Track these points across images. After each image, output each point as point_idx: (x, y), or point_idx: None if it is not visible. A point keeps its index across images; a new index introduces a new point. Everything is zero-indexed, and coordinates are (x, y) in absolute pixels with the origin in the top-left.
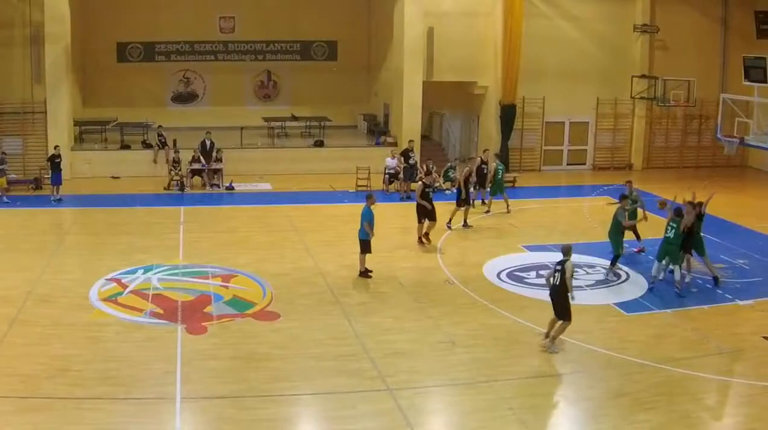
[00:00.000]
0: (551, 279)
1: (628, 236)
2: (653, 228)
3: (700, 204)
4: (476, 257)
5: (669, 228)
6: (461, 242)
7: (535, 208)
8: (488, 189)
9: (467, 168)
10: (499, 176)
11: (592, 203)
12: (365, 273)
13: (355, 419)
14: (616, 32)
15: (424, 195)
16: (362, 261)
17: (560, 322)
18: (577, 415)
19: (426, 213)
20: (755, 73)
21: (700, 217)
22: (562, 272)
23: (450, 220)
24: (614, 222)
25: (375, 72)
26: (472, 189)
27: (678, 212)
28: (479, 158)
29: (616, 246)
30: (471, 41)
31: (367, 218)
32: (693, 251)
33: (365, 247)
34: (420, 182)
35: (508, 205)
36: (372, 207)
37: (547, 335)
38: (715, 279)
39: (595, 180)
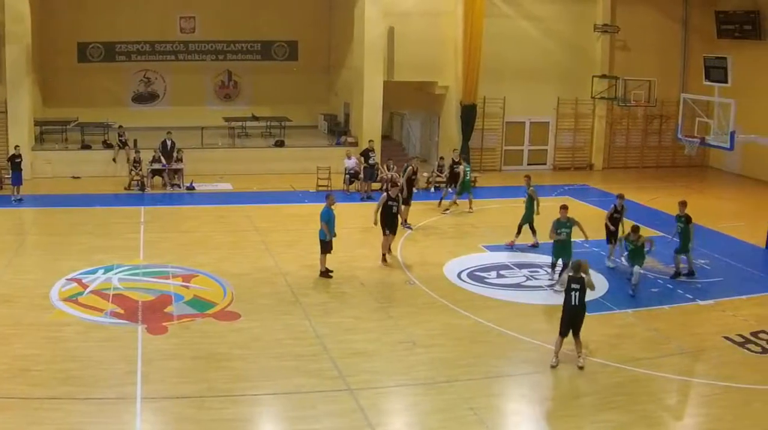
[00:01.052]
0: (571, 300)
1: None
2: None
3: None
4: (437, 257)
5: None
6: (422, 242)
7: (495, 208)
8: (451, 189)
9: (410, 167)
10: (468, 178)
11: (552, 203)
12: (326, 273)
13: (315, 419)
14: (577, 32)
15: (386, 208)
16: (323, 261)
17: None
18: (537, 415)
19: (390, 225)
20: (716, 73)
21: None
22: (581, 291)
23: (404, 219)
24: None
25: (335, 72)
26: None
27: (635, 230)
28: (451, 158)
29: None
30: (431, 41)
31: (326, 219)
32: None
33: (325, 247)
34: (384, 194)
35: (471, 205)
36: (332, 207)
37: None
38: (691, 273)
39: (556, 180)
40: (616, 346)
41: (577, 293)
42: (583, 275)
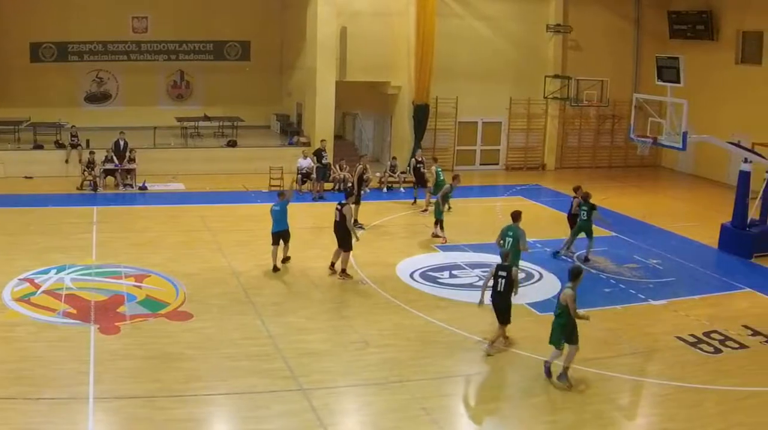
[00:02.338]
0: (497, 286)
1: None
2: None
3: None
4: (389, 257)
5: (582, 212)
6: (375, 241)
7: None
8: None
9: (360, 166)
10: (441, 179)
11: (504, 203)
12: (284, 260)
13: (268, 419)
14: (530, 32)
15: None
16: (274, 254)
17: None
18: (489, 415)
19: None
20: (668, 73)
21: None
22: (507, 278)
23: (355, 219)
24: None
25: (288, 72)
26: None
27: (585, 198)
28: (413, 159)
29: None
30: (384, 41)
31: (279, 214)
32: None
33: (277, 239)
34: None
35: (427, 206)
36: (284, 201)
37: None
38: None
39: (508, 180)
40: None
41: (503, 280)
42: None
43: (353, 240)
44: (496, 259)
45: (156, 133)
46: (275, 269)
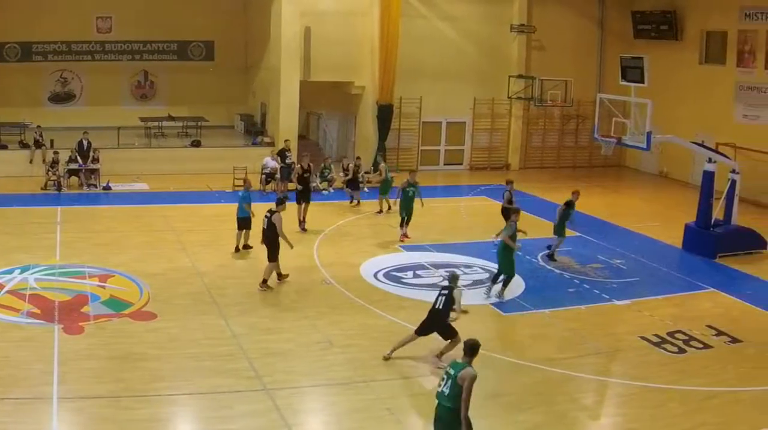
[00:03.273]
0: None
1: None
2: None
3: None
4: (353, 258)
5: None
6: (339, 242)
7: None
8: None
9: (298, 165)
10: (389, 178)
11: (468, 203)
12: (246, 247)
13: (232, 419)
14: (494, 32)
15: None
16: (238, 237)
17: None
18: None
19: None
20: (632, 73)
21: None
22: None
23: (302, 218)
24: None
25: (252, 72)
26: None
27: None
28: (352, 163)
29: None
30: (348, 41)
31: (246, 200)
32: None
33: (243, 224)
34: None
35: (381, 206)
36: (249, 190)
37: None
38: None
39: (472, 180)
40: (532, 346)
41: (442, 299)
42: (454, 287)
43: (288, 247)
44: (460, 259)
45: (120, 133)
46: (236, 249)
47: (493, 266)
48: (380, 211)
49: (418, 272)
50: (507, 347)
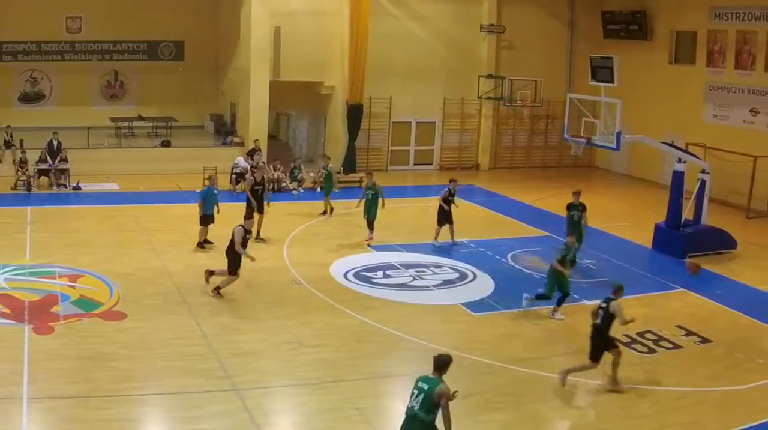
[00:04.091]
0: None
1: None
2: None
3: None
4: (323, 257)
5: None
6: (309, 242)
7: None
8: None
9: (251, 177)
10: (334, 179)
11: (438, 204)
12: (204, 243)
13: (202, 419)
14: (463, 32)
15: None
16: (201, 233)
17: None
18: None
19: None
20: (602, 73)
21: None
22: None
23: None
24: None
25: (222, 72)
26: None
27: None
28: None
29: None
30: (318, 41)
31: (203, 196)
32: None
33: (204, 220)
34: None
35: (326, 208)
36: (213, 186)
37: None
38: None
39: (442, 180)
40: (503, 346)
41: (602, 311)
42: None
43: (249, 261)
44: (429, 259)
45: (90, 133)
46: (199, 244)
47: (463, 266)
48: (324, 213)
49: (387, 272)
50: (477, 347)
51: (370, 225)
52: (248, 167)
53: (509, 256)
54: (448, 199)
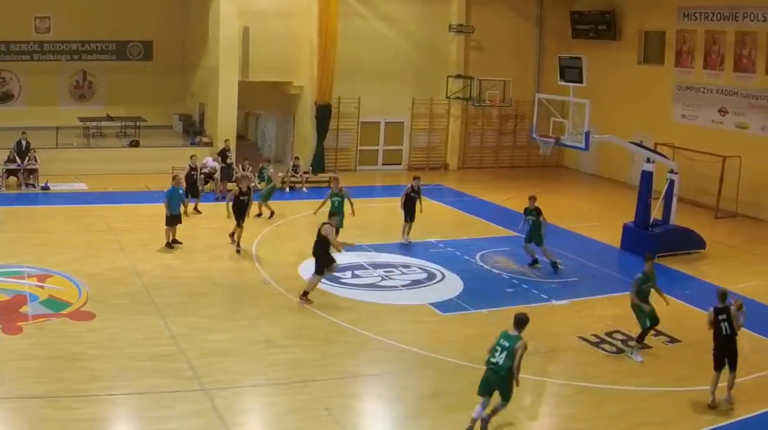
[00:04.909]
0: (722, 331)
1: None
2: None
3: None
4: (292, 258)
5: (529, 219)
6: (277, 241)
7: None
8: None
9: (236, 188)
10: (273, 184)
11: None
12: (174, 242)
13: (171, 419)
14: (432, 32)
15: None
16: (167, 232)
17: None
18: (393, 415)
19: (240, 215)
20: (570, 73)
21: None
22: (729, 321)
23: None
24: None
25: (191, 72)
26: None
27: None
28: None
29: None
30: (286, 41)
31: (169, 196)
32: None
33: (171, 221)
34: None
35: (260, 210)
36: (178, 186)
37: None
38: (554, 265)
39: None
40: (472, 346)
41: (726, 324)
42: (729, 305)
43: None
44: (398, 259)
45: (58, 133)
46: (167, 245)
47: (431, 266)
48: (260, 214)
49: (356, 272)
50: (446, 347)
51: (336, 232)
52: (217, 167)
53: (478, 256)
54: (411, 196)
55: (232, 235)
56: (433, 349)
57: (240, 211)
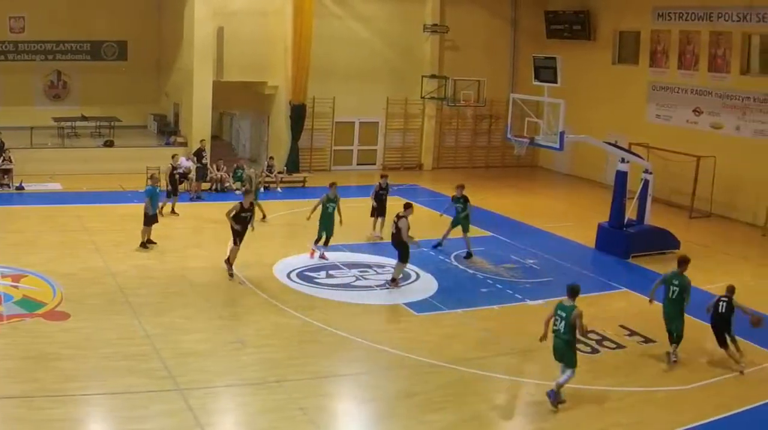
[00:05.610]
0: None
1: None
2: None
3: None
4: (267, 258)
5: (458, 207)
6: (251, 242)
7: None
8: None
9: (238, 203)
10: (257, 187)
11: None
12: (148, 243)
13: (146, 419)
14: (407, 32)
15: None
16: (144, 232)
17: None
18: (367, 415)
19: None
20: (545, 73)
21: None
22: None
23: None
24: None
25: (165, 72)
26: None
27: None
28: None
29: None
30: (261, 41)
31: (149, 194)
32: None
33: (148, 220)
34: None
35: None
36: (155, 185)
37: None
38: (468, 254)
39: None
40: (446, 346)
41: (723, 304)
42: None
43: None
44: (372, 259)
45: (33, 133)
46: (142, 244)
47: (408, 266)
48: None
49: (330, 272)
50: (420, 347)
51: (327, 242)
52: (192, 167)
53: (452, 256)
54: (379, 193)
55: (227, 261)
56: (408, 349)
57: (241, 229)
